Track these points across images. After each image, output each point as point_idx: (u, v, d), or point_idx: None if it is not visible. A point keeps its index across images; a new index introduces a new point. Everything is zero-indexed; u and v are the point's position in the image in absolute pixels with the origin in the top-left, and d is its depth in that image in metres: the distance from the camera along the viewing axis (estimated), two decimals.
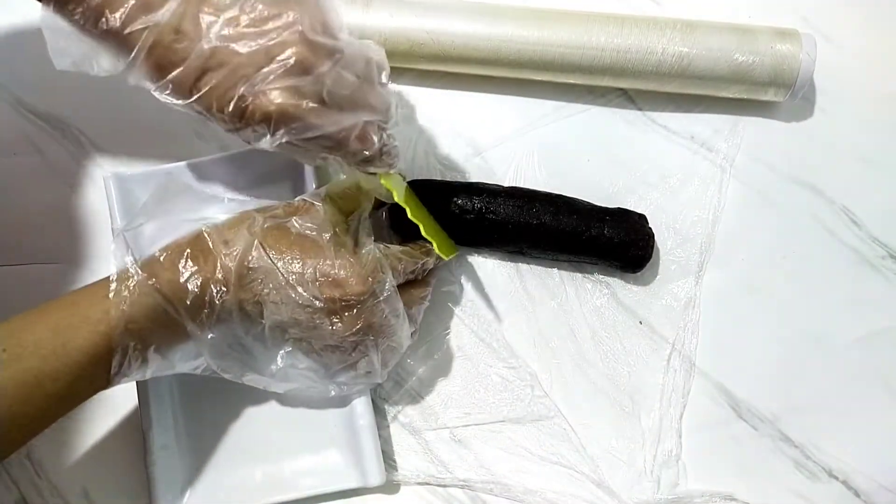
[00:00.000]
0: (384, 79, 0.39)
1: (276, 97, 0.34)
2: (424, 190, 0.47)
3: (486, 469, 0.46)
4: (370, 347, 0.40)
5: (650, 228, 0.47)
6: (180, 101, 0.35)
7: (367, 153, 0.37)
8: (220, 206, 0.42)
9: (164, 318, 0.37)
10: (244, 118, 0.35)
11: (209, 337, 0.38)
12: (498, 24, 0.48)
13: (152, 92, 0.36)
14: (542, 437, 0.46)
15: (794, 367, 0.47)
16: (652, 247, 0.46)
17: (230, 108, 0.34)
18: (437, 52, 0.48)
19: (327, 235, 0.39)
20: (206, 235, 0.38)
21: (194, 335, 0.38)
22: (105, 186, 0.46)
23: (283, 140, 0.35)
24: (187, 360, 0.39)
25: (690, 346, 0.47)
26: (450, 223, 0.46)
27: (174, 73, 0.34)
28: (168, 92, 0.35)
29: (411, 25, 0.48)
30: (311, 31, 0.34)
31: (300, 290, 0.38)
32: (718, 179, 0.50)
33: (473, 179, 0.50)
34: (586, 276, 0.49)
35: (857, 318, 0.48)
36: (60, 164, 0.51)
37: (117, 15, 0.33)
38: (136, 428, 0.46)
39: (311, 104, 0.34)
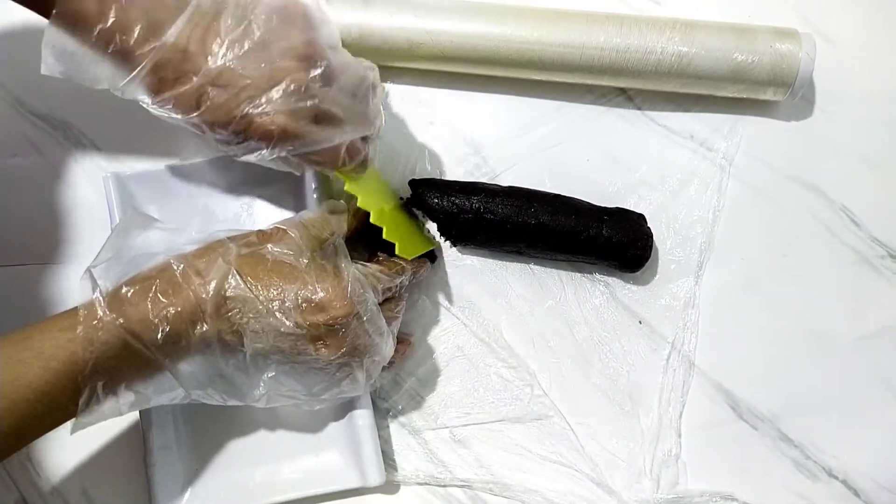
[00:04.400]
0: (378, 97, 0.42)
1: (278, 119, 0.37)
2: (423, 189, 0.47)
3: (486, 469, 0.46)
4: (355, 367, 0.39)
5: (648, 228, 0.47)
6: (180, 116, 0.38)
7: (354, 164, 0.41)
8: (187, 236, 0.40)
9: (133, 356, 0.36)
10: (245, 134, 0.38)
11: (187, 370, 0.37)
12: (497, 24, 0.48)
13: (148, 105, 0.38)
14: (542, 437, 0.46)
15: (794, 367, 0.47)
16: (650, 246, 0.46)
17: (233, 125, 0.37)
18: (436, 52, 0.48)
19: (305, 260, 0.38)
20: (174, 266, 0.37)
21: (170, 370, 0.37)
22: (105, 186, 0.46)
23: (280, 155, 0.38)
24: (163, 393, 0.38)
25: (690, 346, 0.47)
26: (448, 222, 0.46)
27: (181, 89, 0.37)
28: (169, 106, 0.37)
29: (411, 25, 0.48)
30: (308, 56, 0.37)
31: (282, 317, 0.37)
32: (718, 179, 0.50)
33: (472, 179, 0.50)
34: (585, 275, 0.49)
35: (857, 318, 0.48)
36: (60, 165, 0.51)
37: (128, 37, 0.35)
38: (135, 428, 0.46)
39: (308, 125, 0.38)
